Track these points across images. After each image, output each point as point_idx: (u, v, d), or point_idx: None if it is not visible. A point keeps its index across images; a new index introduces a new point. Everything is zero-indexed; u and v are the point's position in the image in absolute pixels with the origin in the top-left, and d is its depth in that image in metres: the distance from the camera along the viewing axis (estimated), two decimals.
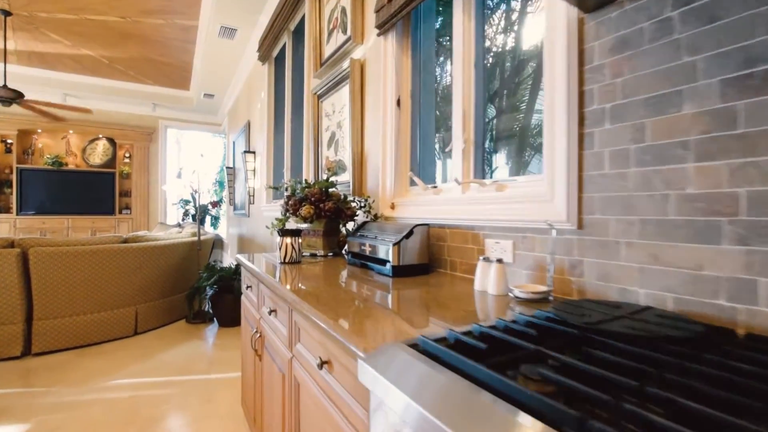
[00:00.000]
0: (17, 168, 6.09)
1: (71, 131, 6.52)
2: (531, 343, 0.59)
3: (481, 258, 1.10)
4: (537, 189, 1.13)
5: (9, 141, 6.10)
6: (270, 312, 1.27)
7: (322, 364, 0.84)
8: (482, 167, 1.43)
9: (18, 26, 4.48)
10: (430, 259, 1.42)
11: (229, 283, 3.52)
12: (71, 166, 6.54)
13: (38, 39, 4.80)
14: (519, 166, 1.38)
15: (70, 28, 4.51)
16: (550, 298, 0.96)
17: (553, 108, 1.04)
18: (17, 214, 6.09)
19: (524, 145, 1.38)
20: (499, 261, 1.03)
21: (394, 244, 1.27)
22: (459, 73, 1.43)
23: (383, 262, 1.32)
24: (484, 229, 1.27)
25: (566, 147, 0.99)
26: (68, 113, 4.84)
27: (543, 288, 0.96)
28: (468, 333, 0.67)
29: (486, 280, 1.06)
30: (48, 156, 6.35)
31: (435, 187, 1.60)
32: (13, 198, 6.08)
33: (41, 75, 5.83)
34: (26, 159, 6.27)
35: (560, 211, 1.01)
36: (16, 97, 4.06)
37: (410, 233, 1.30)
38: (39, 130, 6.31)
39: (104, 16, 4.24)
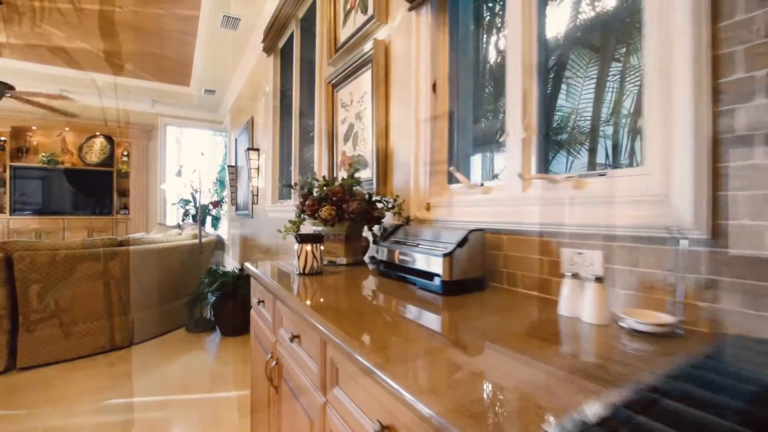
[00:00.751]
0: (10, 166, 5.85)
1: (67, 129, 6.27)
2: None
3: (567, 274, 0.86)
4: (637, 186, 0.89)
5: (2, 138, 5.85)
6: (292, 339, 1.02)
7: (383, 430, 0.60)
8: (546, 160, 1.18)
9: (9, 17, 4.23)
10: (484, 271, 1.17)
11: (232, 289, 3.28)
12: (67, 165, 6.29)
13: (31, 30, 4.55)
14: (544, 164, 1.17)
15: (64, 19, 4.26)
16: (680, 332, 0.71)
17: (669, 78, 0.80)
18: (11, 215, 5.85)
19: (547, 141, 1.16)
20: (599, 280, 0.79)
21: (446, 255, 1.03)
22: (517, 45, 1.18)
23: (430, 275, 1.07)
24: (557, 235, 1.03)
25: (692, 129, 0.75)
26: (64, 105, 4.59)
27: (668, 318, 0.72)
28: (633, 405, 0.43)
29: (578, 303, 0.82)
30: (43, 154, 6.10)
31: (482, 185, 1.36)
32: (7, 197, 5.83)
33: (35, 69, 5.57)
34: (20, 157, 6.03)
35: (682, 214, 0.76)
36: (5, 89, 3.81)
37: (464, 241, 1.06)
38: (33, 127, 6.06)
39: (100, 6, 4.00)
